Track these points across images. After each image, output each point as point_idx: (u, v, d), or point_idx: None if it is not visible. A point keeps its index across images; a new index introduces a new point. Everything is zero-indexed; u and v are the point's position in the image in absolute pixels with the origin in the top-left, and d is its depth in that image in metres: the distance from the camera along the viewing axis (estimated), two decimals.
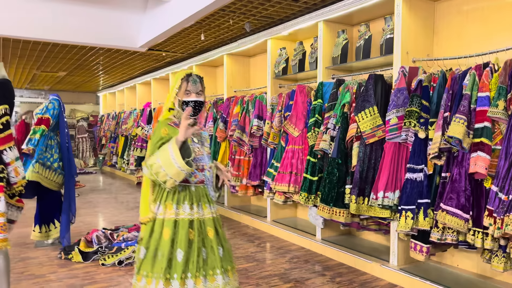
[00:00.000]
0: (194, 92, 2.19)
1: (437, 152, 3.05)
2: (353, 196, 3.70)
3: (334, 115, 4.03)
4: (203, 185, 2.24)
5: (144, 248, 2.16)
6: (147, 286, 2.09)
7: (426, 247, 3.22)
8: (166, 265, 2.05)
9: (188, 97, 2.19)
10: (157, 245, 2.12)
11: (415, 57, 3.66)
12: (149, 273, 2.10)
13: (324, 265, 4.02)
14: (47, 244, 4.61)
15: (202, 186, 2.23)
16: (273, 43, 5.27)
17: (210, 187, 2.28)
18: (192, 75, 2.24)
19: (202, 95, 2.23)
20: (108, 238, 4.38)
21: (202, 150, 2.25)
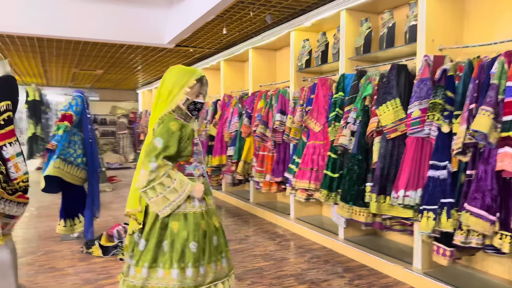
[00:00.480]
0: (203, 94, 2.32)
1: (461, 148, 2.79)
2: (373, 194, 3.49)
3: (355, 108, 3.82)
4: (204, 178, 2.34)
5: (144, 240, 2.21)
6: (151, 276, 2.16)
7: (449, 251, 2.97)
8: (180, 256, 2.14)
9: (198, 98, 2.30)
10: (161, 237, 2.18)
11: (441, 45, 3.38)
12: (152, 263, 2.16)
13: (345, 266, 3.83)
14: (73, 237, 4.71)
15: (203, 180, 2.33)
16: (296, 35, 5.09)
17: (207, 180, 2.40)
18: (204, 77, 2.33)
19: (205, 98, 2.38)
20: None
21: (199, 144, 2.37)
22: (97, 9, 6.13)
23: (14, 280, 2.63)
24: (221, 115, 6.73)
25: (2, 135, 2.32)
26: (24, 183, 2.46)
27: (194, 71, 2.30)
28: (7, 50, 7.47)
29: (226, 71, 7.10)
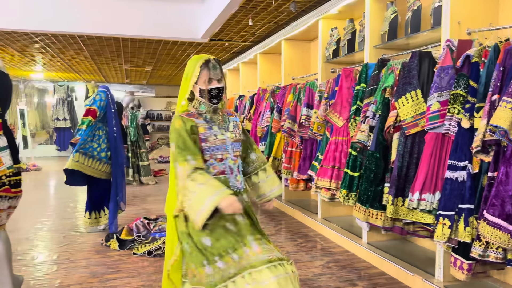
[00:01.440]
0: (215, 79, 2.08)
1: (479, 146, 2.41)
2: (390, 196, 3.15)
3: (374, 101, 3.48)
4: (224, 176, 2.08)
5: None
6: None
7: (467, 264, 2.58)
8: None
9: (210, 85, 2.07)
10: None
11: (470, 28, 2.95)
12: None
13: (362, 273, 3.52)
14: (99, 229, 4.82)
15: (223, 177, 2.07)
16: (324, 23, 4.79)
17: (235, 176, 2.11)
18: (211, 60, 2.09)
19: (222, 80, 2.12)
20: (146, 228, 4.42)
21: (223, 138, 2.10)
22: (135, 6, 6.24)
23: (8, 271, 2.69)
24: (256, 109, 6.58)
25: None
26: (8, 178, 2.49)
27: (199, 58, 2.09)
28: (58, 48, 7.88)
29: (262, 64, 6.93)
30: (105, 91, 4.72)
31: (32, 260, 3.84)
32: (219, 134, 2.10)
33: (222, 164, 2.08)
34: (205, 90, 2.07)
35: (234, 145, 2.13)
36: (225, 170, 2.08)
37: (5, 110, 2.59)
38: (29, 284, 3.24)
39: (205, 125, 2.10)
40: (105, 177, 4.65)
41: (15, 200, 2.62)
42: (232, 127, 2.17)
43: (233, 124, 2.18)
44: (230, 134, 2.13)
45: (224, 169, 2.08)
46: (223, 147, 2.09)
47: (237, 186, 2.11)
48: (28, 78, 13.19)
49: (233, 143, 2.13)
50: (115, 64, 9.73)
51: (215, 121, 2.13)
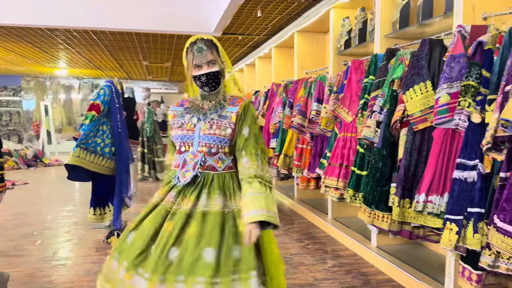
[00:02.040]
0: (204, 64, 1.79)
1: (490, 143, 2.13)
2: (396, 197, 2.90)
3: (382, 94, 3.22)
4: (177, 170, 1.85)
5: None
6: None
7: (476, 275, 2.31)
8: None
9: (198, 71, 1.80)
10: None
11: (486, 12, 2.65)
12: None
13: (368, 279, 3.28)
14: (104, 226, 4.76)
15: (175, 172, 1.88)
16: (336, 13, 4.54)
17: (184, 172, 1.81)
18: (197, 42, 1.80)
19: (216, 64, 1.81)
20: None
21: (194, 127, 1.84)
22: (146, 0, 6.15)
23: None
24: (269, 105, 6.39)
25: None
26: None
27: (188, 41, 1.84)
28: (76, 44, 7.93)
29: (276, 58, 6.72)
30: (110, 85, 4.63)
31: (31, 255, 3.80)
32: (187, 123, 1.85)
33: (181, 157, 1.84)
34: (194, 77, 1.81)
35: (203, 138, 1.82)
36: (179, 164, 1.83)
37: None
38: (21, 280, 3.18)
39: (178, 112, 1.90)
40: (109, 173, 4.56)
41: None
42: (217, 117, 1.83)
43: (220, 114, 1.84)
44: (205, 125, 1.82)
45: (179, 163, 1.84)
46: (187, 138, 1.84)
47: (178, 181, 1.81)
48: (53, 75, 13.44)
49: (203, 136, 1.82)
50: (134, 60, 9.74)
51: (197, 109, 1.87)
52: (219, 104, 1.86)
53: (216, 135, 1.81)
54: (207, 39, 1.83)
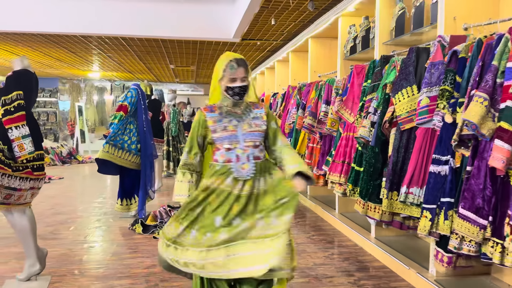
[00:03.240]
0: (238, 78, 2.20)
1: (456, 140, 2.44)
2: (385, 190, 3.22)
3: (376, 97, 3.55)
4: (230, 164, 2.22)
5: None
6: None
7: (447, 257, 2.61)
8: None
9: (233, 83, 2.21)
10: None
11: (466, 23, 2.95)
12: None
13: (363, 265, 3.60)
14: (130, 215, 5.25)
15: (228, 166, 2.23)
16: (343, 20, 4.86)
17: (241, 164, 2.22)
18: (233, 60, 2.22)
19: (246, 80, 2.24)
20: (168, 215, 4.76)
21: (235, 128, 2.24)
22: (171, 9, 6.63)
23: (33, 244, 3.09)
24: (285, 106, 6.75)
25: (10, 120, 2.77)
26: (30, 162, 2.88)
27: (225, 57, 2.25)
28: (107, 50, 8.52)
29: (293, 62, 7.08)
30: (136, 88, 5.12)
31: (66, 238, 4.31)
32: (229, 126, 2.25)
33: (230, 153, 2.22)
34: (228, 87, 2.21)
35: (246, 136, 2.24)
36: (231, 159, 2.22)
37: (30, 104, 2.99)
38: (57, 260, 3.66)
39: (216, 118, 2.27)
40: (135, 167, 5.04)
41: (38, 182, 3.02)
42: (252, 119, 2.27)
43: (253, 116, 2.29)
44: (245, 125, 2.25)
45: (231, 158, 2.22)
46: (232, 137, 2.23)
47: (241, 173, 2.21)
48: (87, 77, 14.23)
49: (246, 134, 2.24)
50: (161, 64, 10.30)
51: (232, 114, 2.27)
52: (248, 109, 2.30)
53: (257, 132, 2.27)
54: (240, 58, 2.25)
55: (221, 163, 2.24)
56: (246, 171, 2.21)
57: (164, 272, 3.32)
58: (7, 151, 2.77)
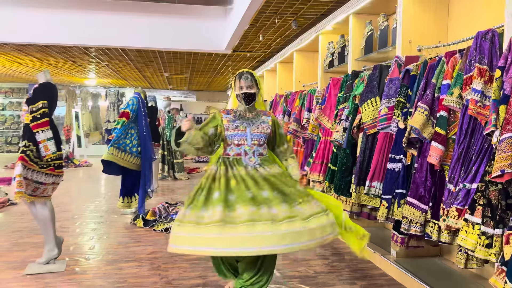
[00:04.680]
0: (245, 87, 2.75)
1: (405, 142, 3.02)
2: (353, 185, 3.80)
3: (347, 106, 4.13)
4: (240, 157, 2.70)
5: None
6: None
7: (400, 238, 3.19)
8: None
9: (240, 90, 2.76)
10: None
11: (420, 45, 3.55)
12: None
13: (337, 251, 4.16)
14: (131, 212, 5.76)
15: (238, 158, 2.70)
16: (323, 38, 5.46)
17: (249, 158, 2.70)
18: (243, 73, 2.80)
19: (253, 88, 2.77)
20: (166, 210, 5.29)
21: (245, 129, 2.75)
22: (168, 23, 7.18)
23: (52, 231, 3.61)
24: (272, 113, 7.32)
25: (37, 125, 3.29)
26: (53, 161, 3.41)
27: (239, 71, 2.82)
28: (106, 59, 9.04)
29: (281, 72, 7.67)
30: (137, 97, 5.65)
31: (75, 231, 4.81)
32: (240, 126, 2.76)
33: (239, 148, 2.72)
34: (237, 94, 2.78)
35: (254, 136, 2.74)
36: (240, 153, 2.70)
37: (51, 112, 3.52)
38: (70, 249, 4.17)
39: (230, 118, 2.79)
40: (136, 168, 5.56)
41: (58, 178, 3.54)
42: (260, 122, 2.80)
43: (261, 121, 2.81)
44: (253, 127, 2.77)
45: (240, 152, 2.71)
46: (242, 135, 2.74)
47: (249, 164, 2.68)
48: (83, 84, 14.71)
49: (253, 134, 2.74)
50: (156, 72, 10.84)
51: (244, 117, 2.79)
52: (258, 115, 2.83)
53: (262, 133, 2.79)
54: (248, 71, 2.82)
55: (232, 156, 2.72)
56: (253, 163, 2.70)
57: (165, 257, 3.88)
58: (35, 151, 3.29)
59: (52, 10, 6.91)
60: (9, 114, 15.72)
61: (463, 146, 2.55)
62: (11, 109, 15.70)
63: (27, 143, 3.28)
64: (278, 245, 2.36)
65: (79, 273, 3.50)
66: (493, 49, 2.46)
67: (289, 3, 4.86)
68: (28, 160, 3.24)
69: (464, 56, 2.67)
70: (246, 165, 2.68)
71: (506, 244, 2.09)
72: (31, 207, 3.54)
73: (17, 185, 3.14)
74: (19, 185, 3.13)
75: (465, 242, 2.34)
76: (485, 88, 2.41)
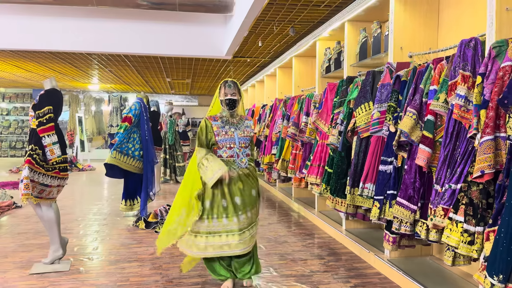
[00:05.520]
0: (229, 94, 3.11)
1: (395, 145, 3.14)
2: (348, 187, 3.92)
3: (342, 111, 4.26)
4: (232, 158, 3.13)
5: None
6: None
7: (392, 237, 3.31)
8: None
9: (225, 97, 3.11)
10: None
11: (411, 52, 3.68)
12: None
13: (333, 252, 4.28)
14: (133, 214, 5.89)
15: (231, 159, 3.13)
16: (320, 44, 5.60)
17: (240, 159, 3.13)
18: (227, 81, 3.16)
19: (236, 95, 3.14)
20: (167, 212, 5.42)
21: (233, 133, 3.13)
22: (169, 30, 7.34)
23: (57, 232, 3.74)
24: (272, 117, 7.46)
25: (43, 129, 3.43)
26: (58, 164, 3.55)
27: (223, 80, 3.18)
28: (109, 65, 9.21)
29: (280, 77, 7.81)
30: (139, 102, 5.80)
31: (78, 233, 4.95)
32: (229, 131, 3.14)
33: (231, 151, 3.12)
34: (221, 100, 3.13)
35: (241, 139, 3.15)
36: (233, 155, 3.12)
37: (57, 117, 3.67)
38: (74, 250, 4.31)
39: (219, 124, 3.14)
40: (138, 171, 5.70)
41: (63, 181, 3.68)
42: (244, 127, 3.21)
43: (245, 125, 3.23)
44: (239, 132, 3.16)
45: (232, 154, 3.12)
46: (231, 140, 3.12)
47: (240, 165, 3.12)
48: (86, 89, 14.89)
49: (241, 138, 3.16)
50: (158, 77, 11.00)
51: (230, 122, 3.16)
52: (241, 120, 3.21)
53: (248, 137, 3.22)
54: (232, 80, 3.17)
55: (225, 158, 3.12)
56: (243, 163, 3.13)
57: (167, 257, 4.01)
58: (42, 154, 3.44)
59: (55, 18, 7.08)
60: (13, 119, 15.92)
61: (448, 148, 2.68)
62: (15, 114, 15.91)
63: (33, 147, 3.42)
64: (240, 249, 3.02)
65: (83, 273, 3.63)
66: (476, 57, 2.59)
67: (286, 10, 5.01)
68: (35, 163, 3.38)
69: (450, 63, 2.80)
70: (238, 167, 3.10)
71: (486, 240, 2.21)
72: (37, 208, 3.68)
73: (24, 187, 3.28)
74: (26, 187, 3.27)
75: (449, 239, 2.46)
76: (469, 93, 2.54)
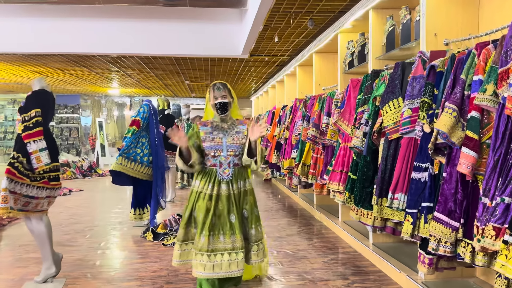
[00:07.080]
0: (219, 97, 2.89)
1: (431, 149, 2.62)
2: (375, 197, 3.41)
3: (367, 109, 3.75)
4: (214, 168, 2.89)
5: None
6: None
7: (428, 258, 2.77)
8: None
9: (215, 101, 2.91)
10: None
11: (447, 39, 3.14)
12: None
13: (359, 270, 3.76)
14: (144, 224, 5.52)
15: (214, 169, 2.89)
16: (342, 37, 5.09)
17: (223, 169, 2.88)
18: (216, 84, 2.95)
19: (227, 97, 2.91)
20: (177, 223, 5.02)
21: (221, 140, 2.90)
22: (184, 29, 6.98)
23: (49, 248, 3.38)
24: (292, 119, 6.97)
25: (28, 135, 3.07)
26: (47, 173, 3.18)
27: (212, 83, 2.96)
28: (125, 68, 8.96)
29: (300, 75, 7.32)
30: (148, 104, 5.44)
31: (82, 245, 4.61)
32: (216, 137, 2.90)
33: (215, 159, 2.88)
34: (212, 104, 2.92)
35: (230, 147, 2.90)
36: (216, 164, 2.88)
37: (47, 120, 3.31)
38: (72, 263, 3.95)
39: (207, 130, 2.93)
40: (147, 178, 5.32)
41: (53, 191, 3.32)
42: (235, 133, 2.94)
43: (236, 131, 2.96)
44: (229, 138, 2.90)
45: (215, 163, 2.88)
46: (218, 147, 2.89)
47: (222, 176, 2.87)
48: (107, 94, 14.81)
49: (230, 145, 2.90)
50: (177, 80, 10.71)
51: (219, 128, 2.94)
52: (233, 125, 2.95)
53: (238, 144, 2.94)
54: (221, 82, 2.96)
55: (208, 166, 2.90)
56: (226, 175, 2.86)
57: (170, 275, 3.59)
58: (26, 163, 3.08)
59: (68, 19, 6.84)
60: None
61: (500, 152, 2.14)
62: None
63: (15, 154, 3.07)
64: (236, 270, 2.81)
65: None
66: None
67: (303, 0, 4.54)
68: (17, 172, 3.02)
69: (499, 47, 2.26)
70: (220, 179, 2.84)
71: None
72: (27, 222, 3.33)
73: (1, 200, 2.92)
74: (4, 200, 2.91)
75: (505, 269, 1.93)
76: None
